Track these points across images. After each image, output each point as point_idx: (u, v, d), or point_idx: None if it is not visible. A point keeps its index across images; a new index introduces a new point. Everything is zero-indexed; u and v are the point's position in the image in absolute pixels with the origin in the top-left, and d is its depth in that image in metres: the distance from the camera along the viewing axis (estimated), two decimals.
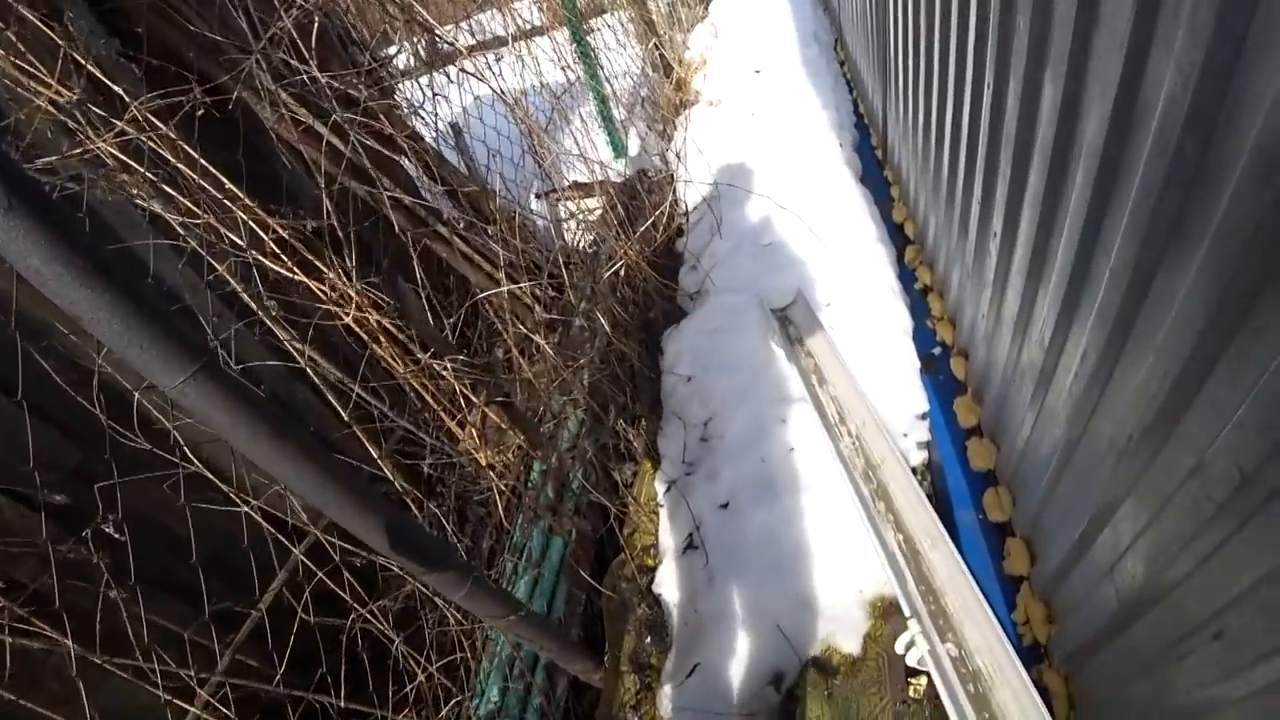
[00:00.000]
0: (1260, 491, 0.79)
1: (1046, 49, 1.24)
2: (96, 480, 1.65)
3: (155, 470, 1.74)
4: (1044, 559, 1.62)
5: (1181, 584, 1.00)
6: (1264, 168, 0.70)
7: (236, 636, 1.78)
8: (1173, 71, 0.84)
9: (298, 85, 1.80)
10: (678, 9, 6.10)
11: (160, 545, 1.89)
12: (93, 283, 0.75)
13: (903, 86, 2.70)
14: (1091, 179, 1.12)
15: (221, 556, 1.89)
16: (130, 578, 1.67)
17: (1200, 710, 0.99)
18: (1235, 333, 0.79)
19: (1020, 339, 1.60)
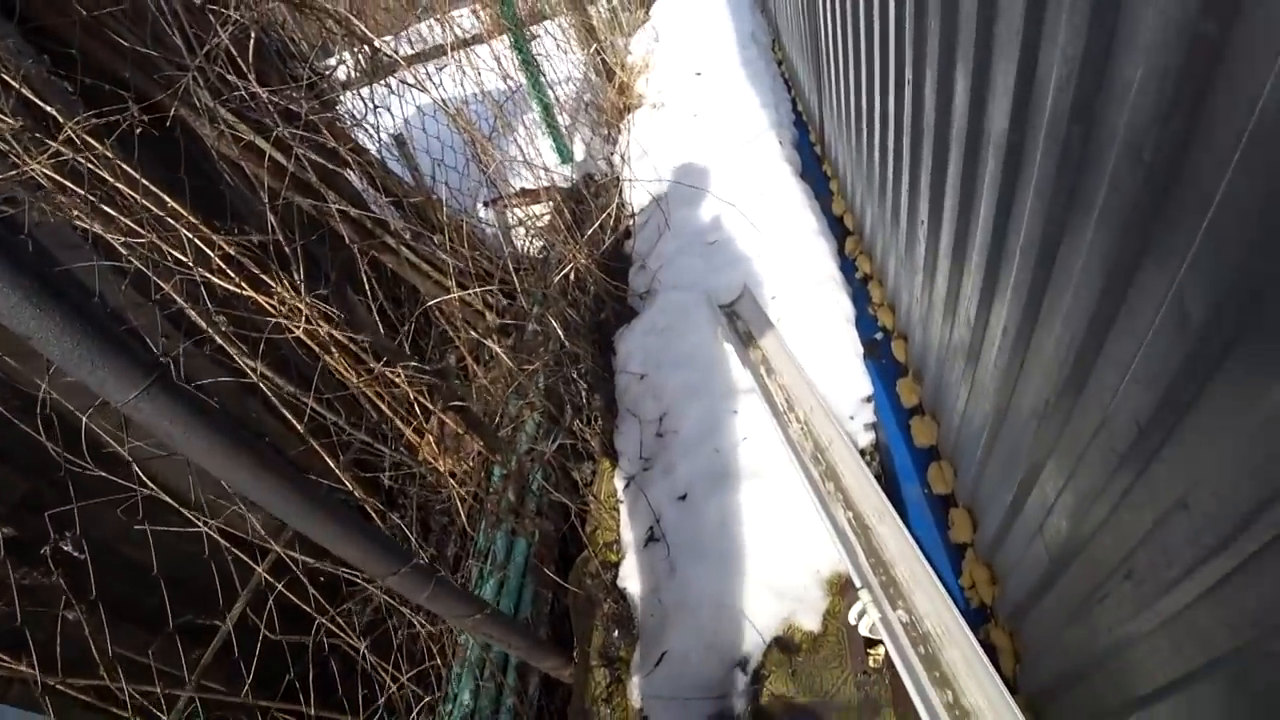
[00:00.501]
0: (1155, 439, 0.87)
1: (955, 45, 1.33)
2: (46, 510, 1.62)
3: (109, 498, 1.71)
4: (984, 525, 1.72)
5: (1097, 532, 1.09)
6: (1134, 148, 0.78)
7: (203, 656, 1.76)
8: (1059, 63, 0.92)
9: (236, 101, 1.80)
10: (619, 14, 6.17)
11: (119, 572, 1.85)
12: (40, 303, 0.76)
13: (835, 84, 2.80)
14: (1000, 165, 1.21)
15: (182, 579, 1.87)
16: (90, 604, 1.64)
17: (1121, 646, 1.08)
18: (1125, 297, 0.88)
19: (950, 319, 1.70)
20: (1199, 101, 0.67)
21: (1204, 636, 0.85)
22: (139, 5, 1.69)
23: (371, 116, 2.48)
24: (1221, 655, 0.82)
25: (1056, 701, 1.40)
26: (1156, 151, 0.74)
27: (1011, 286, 1.25)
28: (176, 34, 1.55)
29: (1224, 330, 0.69)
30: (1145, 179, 0.77)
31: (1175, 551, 0.87)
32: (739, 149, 3.64)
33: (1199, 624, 0.87)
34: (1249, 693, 0.79)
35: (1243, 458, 0.71)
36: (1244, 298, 0.66)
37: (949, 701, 1.47)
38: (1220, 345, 0.71)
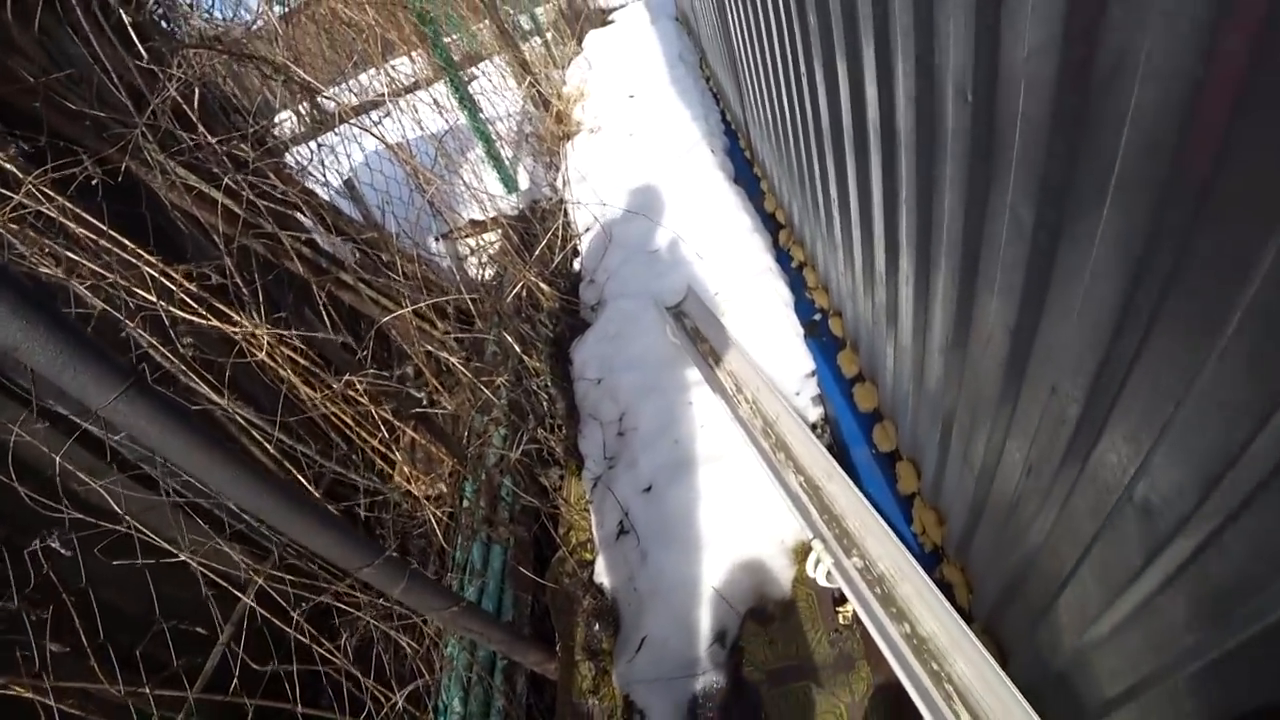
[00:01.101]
0: (1023, 340, 1.00)
1: (833, 41, 1.49)
2: (18, 557, 1.65)
3: (83, 543, 1.74)
4: (925, 472, 1.85)
5: (1005, 441, 1.21)
6: (960, 90, 0.92)
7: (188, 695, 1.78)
8: (902, 59, 1.08)
9: (185, 153, 1.88)
10: (552, 48, 6.39)
11: (100, 618, 1.87)
12: (25, 314, 0.85)
13: (753, 93, 2.99)
14: (880, 145, 1.36)
15: (165, 618, 1.89)
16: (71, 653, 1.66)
17: (1036, 541, 1.20)
18: (981, 221, 1.02)
19: (870, 285, 1.84)
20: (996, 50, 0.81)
21: (1088, 508, 0.98)
22: (84, 71, 1.78)
23: (319, 164, 2.59)
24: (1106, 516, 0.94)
25: (1005, 619, 1.51)
26: (976, 94, 0.88)
27: (905, 240, 1.40)
28: (123, 92, 1.64)
29: (1047, 227, 0.83)
30: (973, 116, 0.91)
31: (1056, 437, 0.99)
32: (675, 161, 3.81)
33: (1079, 506, 0.99)
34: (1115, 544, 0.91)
35: (1085, 336, 0.83)
36: (1053, 197, 0.79)
37: (907, 633, 1.58)
38: (1048, 244, 0.84)
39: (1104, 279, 0.73)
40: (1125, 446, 0.81)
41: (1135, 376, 0.74)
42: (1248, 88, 0.48)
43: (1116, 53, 0.60)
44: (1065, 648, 1.20)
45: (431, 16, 3.58)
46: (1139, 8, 0.56)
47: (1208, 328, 0.60)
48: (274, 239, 2.23)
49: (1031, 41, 0.72)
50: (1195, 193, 0.56)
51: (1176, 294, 0.63)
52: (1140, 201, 0.63)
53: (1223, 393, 0.61)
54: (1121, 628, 0.97)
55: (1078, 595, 1.11)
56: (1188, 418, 0.67)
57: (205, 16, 2.19)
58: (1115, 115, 0.62)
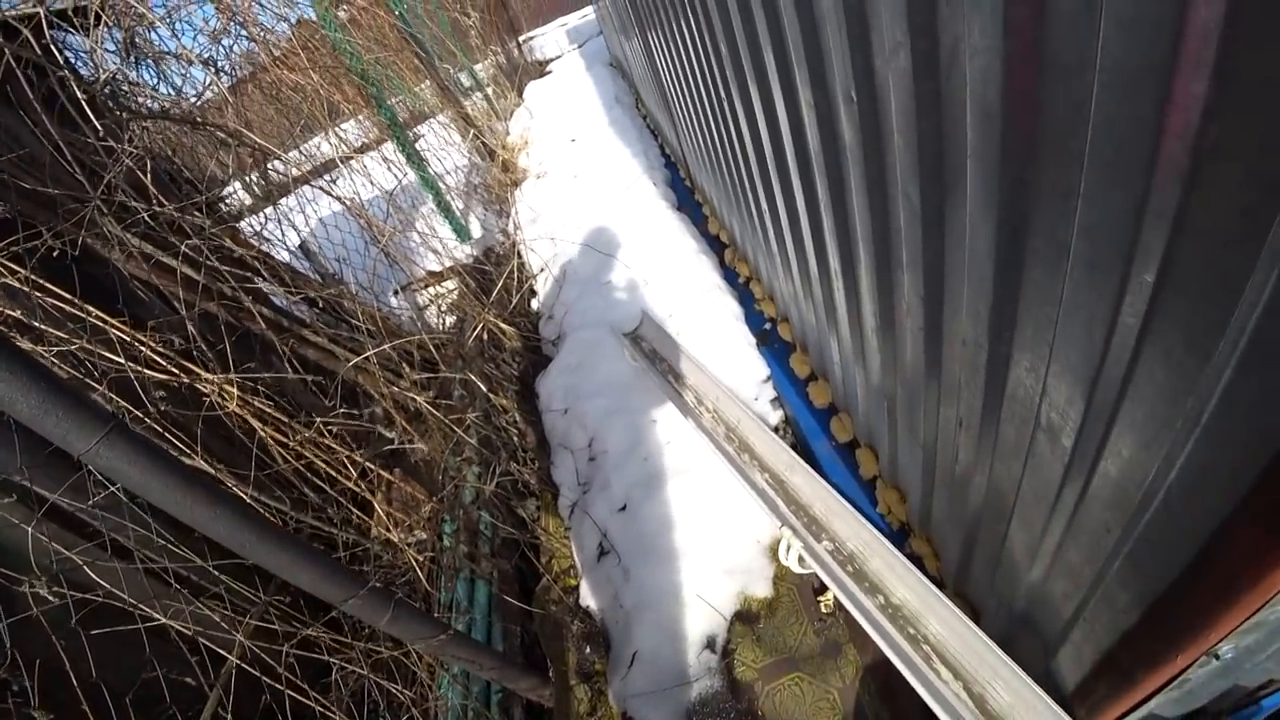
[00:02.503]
0: (933, 306, 1.12)
1: (743, 67, 1.64)
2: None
3: (57, 622, 1.74)
4: (881, 454, 1.95)
5: (938, 414, 1.32)
6: (846, 94, 1.06)
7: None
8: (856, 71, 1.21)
9: (140, 224, 1.95)
10: (494, 101, 6.59)
11: (81, 692, 1.85)
12: (10, 367, 0.91)
13: (686, 125, 3.16)
14: (795, 154, 1.50)
15: (147, 689, 1.88)
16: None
17: (966, 478, 1.30)
18: (883, 200, 1.14)
19: (808, 286, 1.97)
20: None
21: (1012, 446, 1.08)
22: (34, 151, 1.84)
23: (275, 227, 2.66)
24: (1027, 449, 1.05)
25: (970, 577, 1.60)
26: (858, 94, 1.01)
27: (829, 238, 1.52)
28: (76, 169, 1.70)
29: (931, 201, 0.95)
30: (860, 114, 1.04)
31: (974, 385, 1.10)
32: (619, 197, 3.96)
33: (1005, 447, 1.10)
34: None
35: (976, 287, 0.95)
36: (931, 174, 0.92)
37: (881, 604, 1.66)
38: (935, 215, 0.96)
39: (979, 234, 0.85)
40: (1028, 377, 0.92)
41: (1020, 312, 0.86)
42: (1039, 51, 0.61)
43: (951, 40, 0.73)
44: (1022, 588, 1.29)
45: (373, 78, 3.72)
46: (959, 3, 0.69)
47: (1057, 255, 0.72)
48: (235, 301, 2.28)
49: (890, 41, 0.85)
50: (1025, 145, 0.68)
51: (1031, 232, 0.75)
52: (991, 161, 0.75)
53: (1081, 306, 0.72)
54: (1059, 550, 1.06)
55: (1022, 533, 1.20)
56: (1063, 336, 0.78)
57: (153, 91, 2.28)
58: (959, 91, 0.75)
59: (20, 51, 1.56)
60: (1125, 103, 0.54)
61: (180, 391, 1.73)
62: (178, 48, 2.40)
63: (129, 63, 2.26)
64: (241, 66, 3.23)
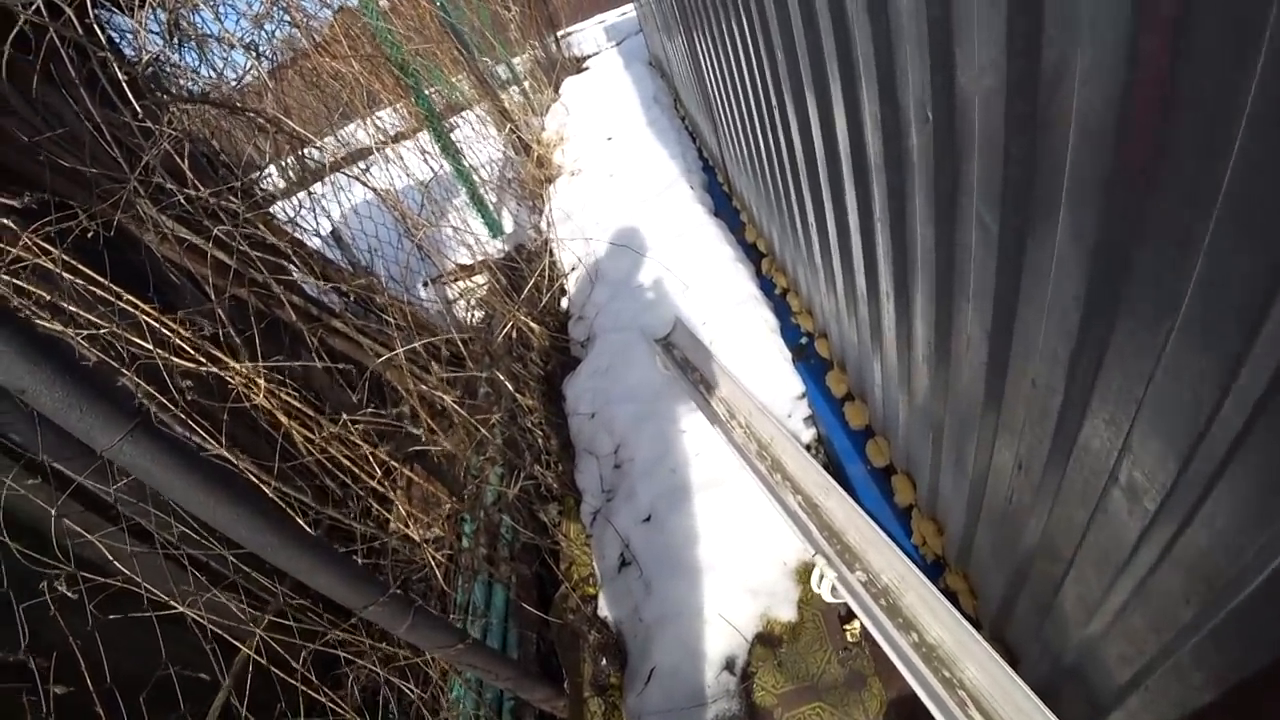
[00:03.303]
0: (1000, 341, 1.05)
1: (800, 76, 1.57)
2: (12, 618, 1.63)
3: (76, 605, 1.73)
4: (920, 483, 1.87)
5: (994, 439, 1.25)
6: (921, 108, 0.99)
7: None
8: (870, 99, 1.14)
9: (175, 207, 1.93)
10: (530, 96, 6.56)
11: (95, 677, 1.85)
12: (33, 357, 0.87)
13: (729, 129, 3.09)
14: (852, 168, 1.43)
15: (160, 675, 1.87)
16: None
17: (1019, 521, 1.23)
18: (952, 226, 1.07)
19: (852, 306, 1.90)
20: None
21: (1079, 496, 1.01)
22: (75, 129, 1.83)
23: (308, 214, 2.64)
24: (1096, 500, 0.98)
25: (1011, 621, 1.53)
26: (935, 111, 0.95)
27: (882, 257, 1.45)
28: (115, 149, 1.69)
29: (1012, 231, 0.88)
30: (934, 133, 0.97)
31: (1041, 429, 1.03)
32: (655, 198, 3.90)
33: (1070, 495, 1.02)
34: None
35: (1057, 329, 0.88)
36: (1015, 201, 0.85)
37: (915, 642, 1.59)
38: (1015, 246, 0.89)
39: (1068, 273, 0.78)
40: (1106, 430, 0.85)
41: (1108, 361, 0.79)
42: (1169, 85, 0.54)
43: (1055, 62, 0.66)
44: (1072, 641, 1.22)
45: (413, 69, 3.69)
46: (1069, 26, 0.62)
47: (1165, 306, 0.65)
48: (265, 288, 2.26)
49: (981, 59, 0.78)
50: (1137, 183, 0.61)
51: (1133, 278, 0.68)
52: (1091, 197, 0.68)
53: (1186, 366, 0.65)
54: (1123, 612, 0.99)
55: (1078, 585, 1.13)
56: (1159, 393, 0.71)
57: (194, 73, 2.27)
58: (1060, 117, 0.68)
59: (63, 31, 1.53)
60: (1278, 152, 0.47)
61: (207, 379, 1.71)
62: (220, 31, 2.39)
63: (172, 45, 2.25)
64: (282, 52, 3.23)
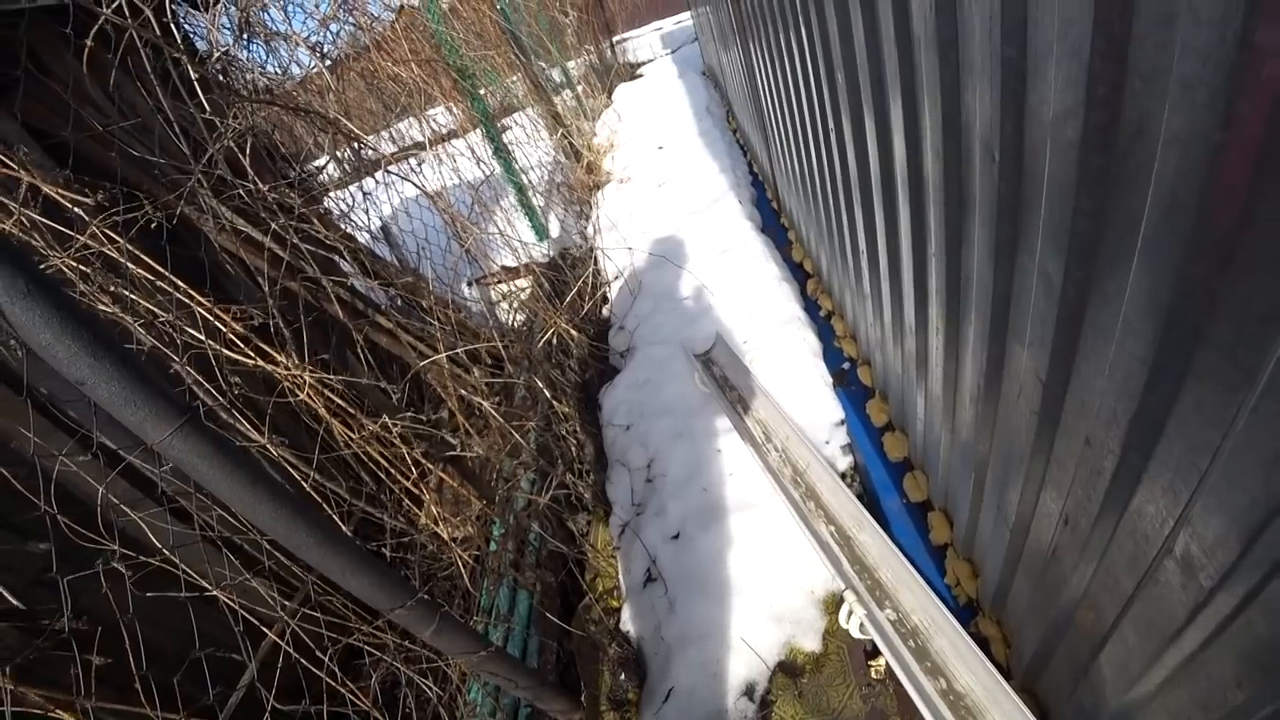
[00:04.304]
0: (1056, 389, 1.01)
1: (860, 101, 1.54)
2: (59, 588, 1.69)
3: (119, 578, 1.78)
4: (958, 523, 1.82)
5: (1040, 490, 1.21)
6: (988, 148, 0.96)
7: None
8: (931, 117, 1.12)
9: (235, 199, 1.99)
10: (583, 101, 6.62)
11: (125, 650, 1.90)
12: (95, 352, 0.90)
13: (781, 147, 3.07)
14: (908, 199, 1.40)
15: (192, 655, 1.92)
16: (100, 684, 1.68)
17: (1060, 576, 1.18)
18: (1011, 275, 1.04)
19: (899, 335, 1.86)
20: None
21: (1127, 561, 0.97)
22: (147, 120, 1.90)
23: (359, 209, 2.69)
24: (1146, 570, 0.93)
25: (1044, 676, 1.47)
26: (1003, 153, 0.92)
27: (934, 291, 1.42)
28: (182, 141, 1.75)
29: (1076, 284, 0.85)
30: (1000, 175, 0.94)
31: (1092, 488, 0.99)
32: (702, 211, 3.89)
33: (1118, 559, 0.98)
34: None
35: (1119, 389, 0.84)
36: (1081, 255, 0.82)
37: (943, 689, 1.54)
38: (1078, 300, 0.86)
39: (1134, 334, 0.75)
40: (1163, 498, 0.81)
41: (1170, 428, 0.75)
42: (1264, 152, 0.51)
43: (1137, 118, 0.63)
44: (1108, 707, 1.17)
45: (470, 72, 3.75)
46: (1155, 79, 0.59)
47: (1239, 380, 0.61)
48: (315, 283, 2.32)
49: (1056, 106, 0.75)
50: (1220, 250, 0.58)
51: (1206, 347, 0.65)
52: (1167, 260, 0.65)
53: (1258, 443, 0.62)
54: (1167, 685, 0.95)
55: (1120, 652, 1.08)
56: (1225, 469, 0.67)
57: (260, 70, 2.34)
58: (1138, 175, 0.65)
59: (142, 31, 1.59)
60: None
61: (254, 372, 1.75)
62: (287, 28, 2.46)
63: (240, 43, 2.32)
64: (346, 49, 3.31)
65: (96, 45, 1.67)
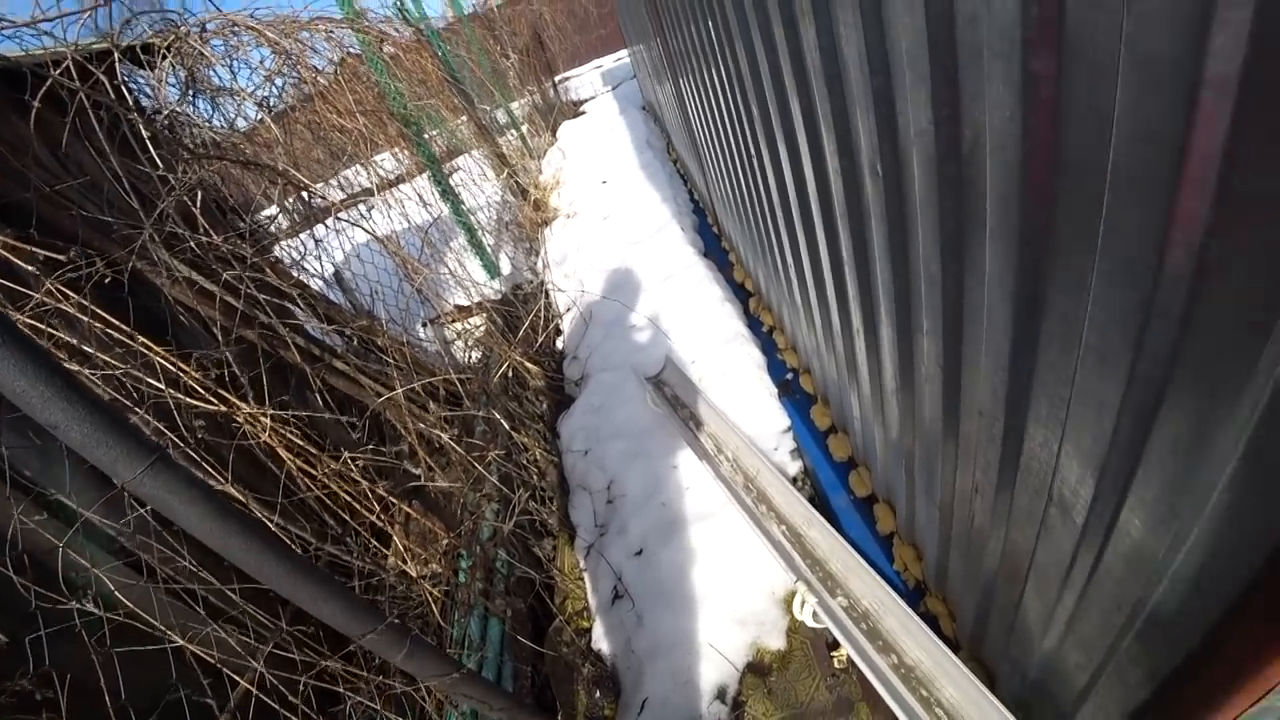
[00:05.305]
0: (951, 372, 1.14)
1: (773, 128, 1.70)
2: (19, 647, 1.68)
3: (79, 637, 1.78)
4: (899, 511, 1.95)
5: (955, 478, 1.34)
6: (872, 166, 1.10)
7: None
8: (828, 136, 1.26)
9: (187, 252, 2.04)
10: (527, 140, 6.78)
11: (94, 708, 1.89)
12: (67, 397, 0.96)
13: (715, 174, 3.24)
14: (821, 215, 1.54)
15: (160, 707, 1.91)
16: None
17: (981, 542, 1.31)
18: (905, 271, 1.18)
19: (830, 342, 2.00)
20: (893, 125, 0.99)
21: (1026, 516, 1.10)
22: (95, 178, 1.95)
23: (311, 257, 2.75)
24: (1040, 520, 1.06)
25: (984, 641, 1.59)
26: (884, 168, 1.06)
27: (852, 297, 1.56)
28: (132, 198, 1.80)
29: (951, 275, 0.98)
30: (884, 187, 1.09)
31: (990, 455, 1.12)
32: (647, 240, 4.04)
33: (1019, 516, 1.11)
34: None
35: (993, 360, 0.97)
36: (951, 250, 0.95)
37: (895, 664, 1.65)
38: (955, 290, 1.00)
39: (997, 313, 0.88)
40: (1041, 452, 0.94)
41: (1036, 389, 0.88)
42: (1055, 154, 0.64)
43: (973, 133, 0.77)
44: (1035, 655, 1.28)
45: (415, 119, 3.86)
46: (980, 99, 0.73)
47: (1072, 340, 0.74)
48: (270, 330, 2.36)
49: (917, 125, 0.89)
50: (1040, 236, 0.72)
51: (1047, 318, 0.78)
52: (1008, 248, 0.79)
53: (1092, 391, 0.75)
54: (1072, 622, 1.07)
55: (1036, 600, 1.21)
56: (1073, 416, 0.80)
57: (207, 124, 2.40)
58: (980, 178, 0.79)
59: (95, 95, 1.66)
60: (1133, 210, 0.57)
61: (215, 419, 1.79)
62: (233, 83, 2.53)
63: (187, 99, 2.39)
64: (290, 99, 3.38)
65: (44, 106, 1.73)
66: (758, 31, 1.54)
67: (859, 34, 0.97)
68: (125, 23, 1.96)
